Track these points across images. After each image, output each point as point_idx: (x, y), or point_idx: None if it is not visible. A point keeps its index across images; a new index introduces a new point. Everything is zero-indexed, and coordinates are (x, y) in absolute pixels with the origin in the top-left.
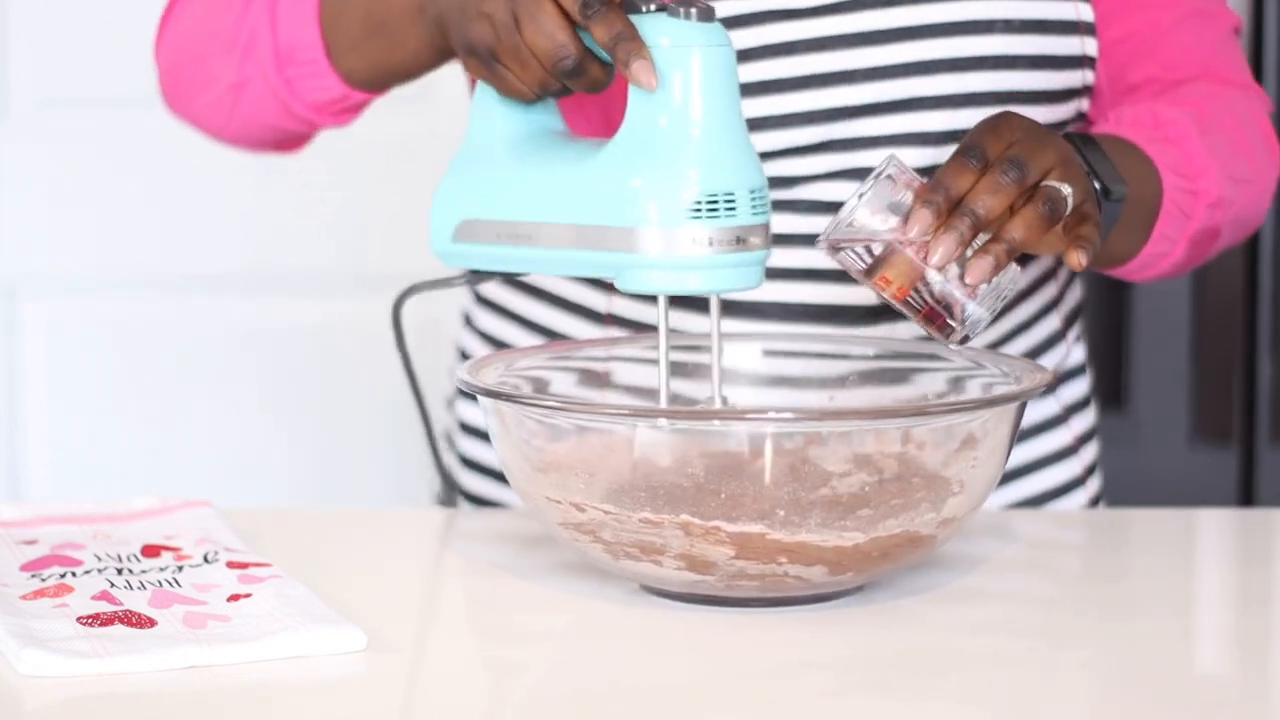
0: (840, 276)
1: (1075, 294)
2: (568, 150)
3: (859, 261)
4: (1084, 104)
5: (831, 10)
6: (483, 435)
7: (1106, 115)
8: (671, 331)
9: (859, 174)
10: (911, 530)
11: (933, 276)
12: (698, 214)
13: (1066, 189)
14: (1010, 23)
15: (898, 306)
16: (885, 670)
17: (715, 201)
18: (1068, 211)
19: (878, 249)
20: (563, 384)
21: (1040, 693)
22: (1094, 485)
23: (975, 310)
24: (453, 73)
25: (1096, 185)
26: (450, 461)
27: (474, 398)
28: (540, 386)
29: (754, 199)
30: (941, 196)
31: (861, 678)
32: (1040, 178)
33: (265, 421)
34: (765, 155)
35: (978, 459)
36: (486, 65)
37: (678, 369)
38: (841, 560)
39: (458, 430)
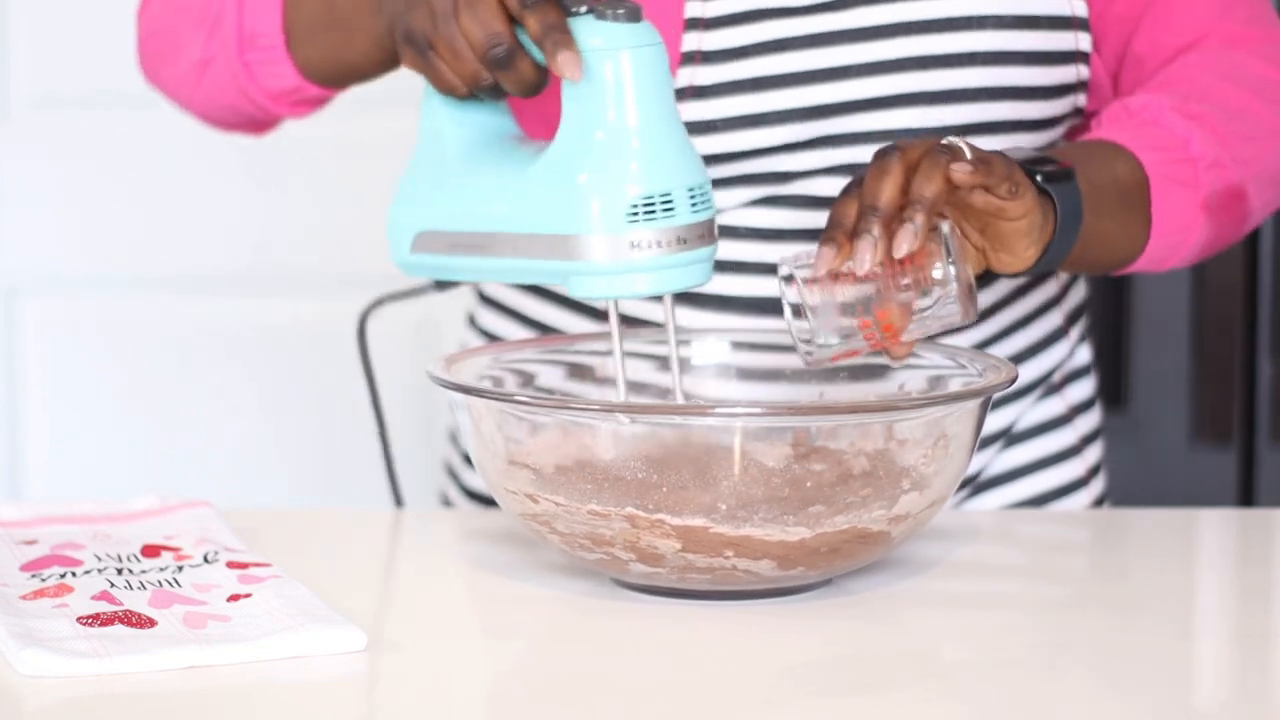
0: None
1: (1078, 293)
2: (512, 157)
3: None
4: (1080, 99)
5: (824, 8)
6: None
7: (1096, 115)
8: (653, 325)
9: (852, 169)
10: (861, 526)
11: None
12: (635, 218)
13: (960, 140)
14: (1001, 18)
15: (894, 356)
16: (881, 669)
17: (652, 203)
18: (968, 155)
19: (839, 330)
20: (550, 378)
21: (1039, 693)
22: (1098, 486)
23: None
24: None
25: (1037, 178)
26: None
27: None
28: (526, 380)
29: (693, 196)
30: (837, 230)
31: (859, 677)
32: (924, 153)
33: (265, 421)
34: (759, 152)
35: (929, 455)
36: (421, 55)
37: (661, 362)
38: (789, 555)
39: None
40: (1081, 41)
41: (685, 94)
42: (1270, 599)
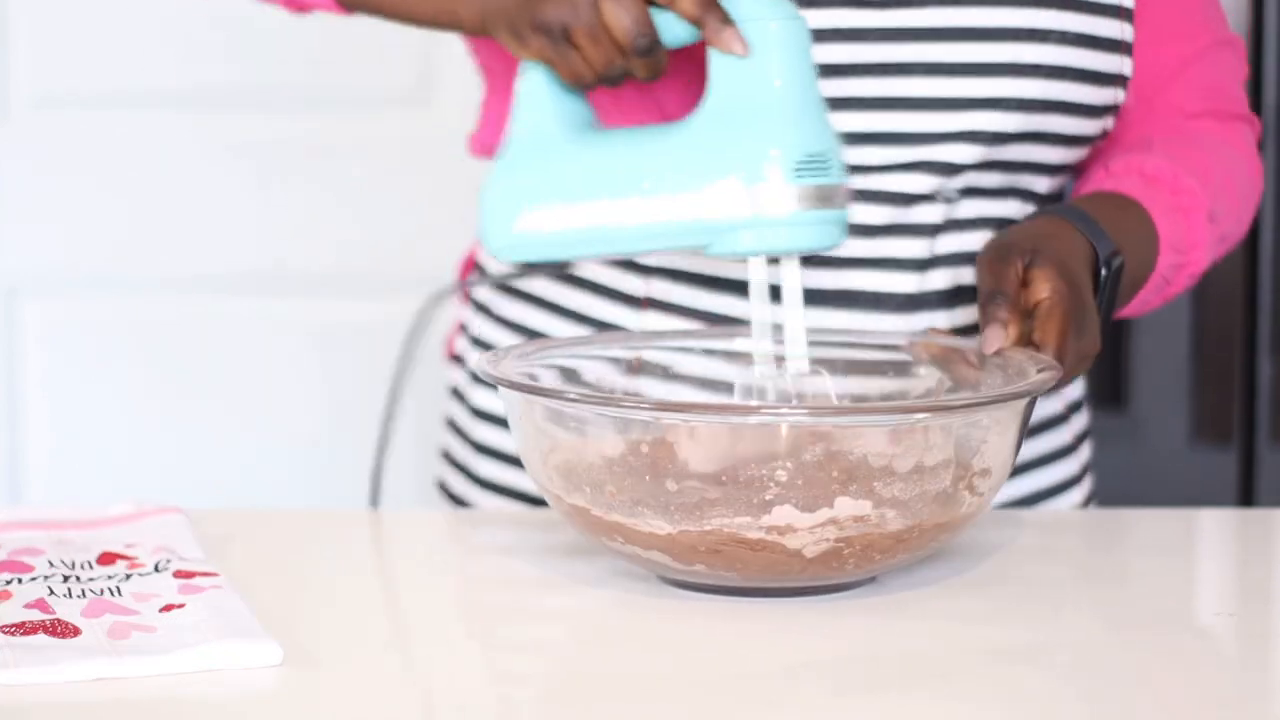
0: (895, 265)
1: None
2: (639, 132)
3: None
4: (1109, 122)
5: (902, 3)
6: (498, 421)
7: (1129, 159)
8: (732, 320)
9: (907, 168)
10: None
11: None
12: (800, 174)
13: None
14: (1065, 34)
15: None
16: (882, 668)
17: (812, 161)
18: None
19: None
20: (597, 372)
21: (1039, 693)
22: (1088, 484)
23: None
24: (454, 77)
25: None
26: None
27: (491, 385)
28: (571, 375)
29: (839, 160)
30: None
31: (859, 677)
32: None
33: (266, 422)
34: None
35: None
36: (556, 44)
37: (720, 353)
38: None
39: (471, 417)
40: (1125, 66)
41: None
42: (1270, 599)
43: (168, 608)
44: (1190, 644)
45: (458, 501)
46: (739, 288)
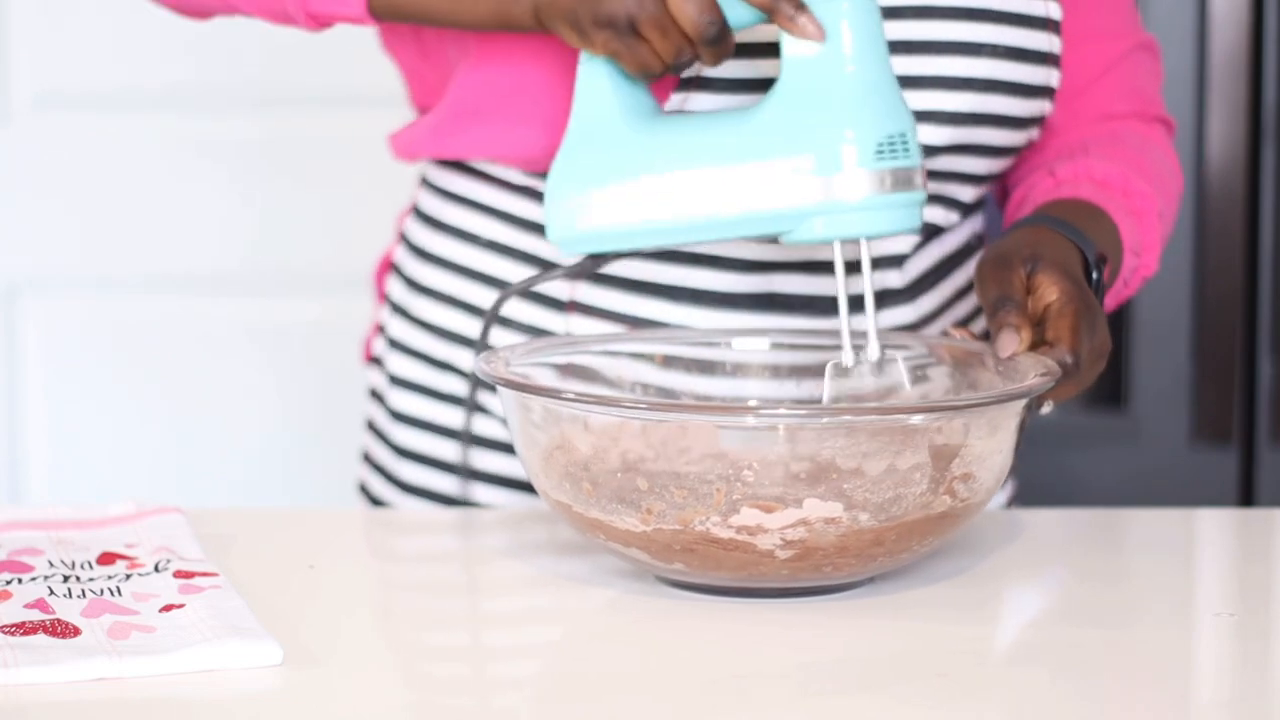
0: (823, 268)
1: None
2: (708, 118)
3: None
4: (1034, 133)
5: None
6: (418, 424)
7: (1074, 165)
8: (658, 324)
9: None
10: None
11: None
12: (882, 156)
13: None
14: (998, 48)
15: None
16: (880, 668)
17: (894, 142)
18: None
19: None
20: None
21: (1039, 693)
22: (1010, 486)
23: None
24: None
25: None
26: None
27: (409, 388)
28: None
29: (915, 141)
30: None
31: (859, 678)
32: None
33: (266, 420)
34: None
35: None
36: (622, 37)
37: (676, 363)
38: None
39: (390, 420)
40: (1052, 78)
41: None
42: (1270, 599)
43: (168, 608)
44: (1190, 644)
45: (379, 504)
46: (664, 292)
